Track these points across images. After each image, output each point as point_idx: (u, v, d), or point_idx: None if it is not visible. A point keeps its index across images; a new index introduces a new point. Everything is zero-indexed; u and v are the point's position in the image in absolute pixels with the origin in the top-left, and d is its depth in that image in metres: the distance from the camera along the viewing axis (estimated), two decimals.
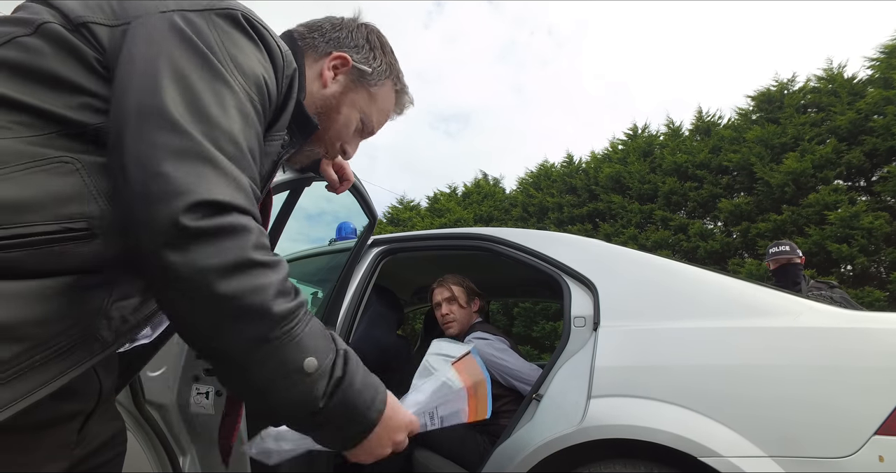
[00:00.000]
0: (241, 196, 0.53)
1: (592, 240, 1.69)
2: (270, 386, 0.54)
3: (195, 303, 0.50)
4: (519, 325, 6.69)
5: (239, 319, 0.51)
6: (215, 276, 0.49)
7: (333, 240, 2.45)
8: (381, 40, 0.88)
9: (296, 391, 0.55)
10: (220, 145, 0.53)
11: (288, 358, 0.54)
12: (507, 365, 1.72)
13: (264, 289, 0.52)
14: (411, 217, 8.61)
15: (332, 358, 0.58)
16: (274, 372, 0.53)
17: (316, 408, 0.56)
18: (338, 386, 0.57)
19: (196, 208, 0.49)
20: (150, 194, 0.49)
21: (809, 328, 1.24)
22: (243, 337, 0.51)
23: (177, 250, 0.48)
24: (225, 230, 0.50)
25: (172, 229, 0.48)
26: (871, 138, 5.12)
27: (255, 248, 0.52)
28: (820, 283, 3.12)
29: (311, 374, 0.55)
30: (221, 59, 0.57)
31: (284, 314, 0.53)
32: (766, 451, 1.11)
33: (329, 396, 0.57)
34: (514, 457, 1.35)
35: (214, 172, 0.51)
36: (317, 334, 0.57)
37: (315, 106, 0.82)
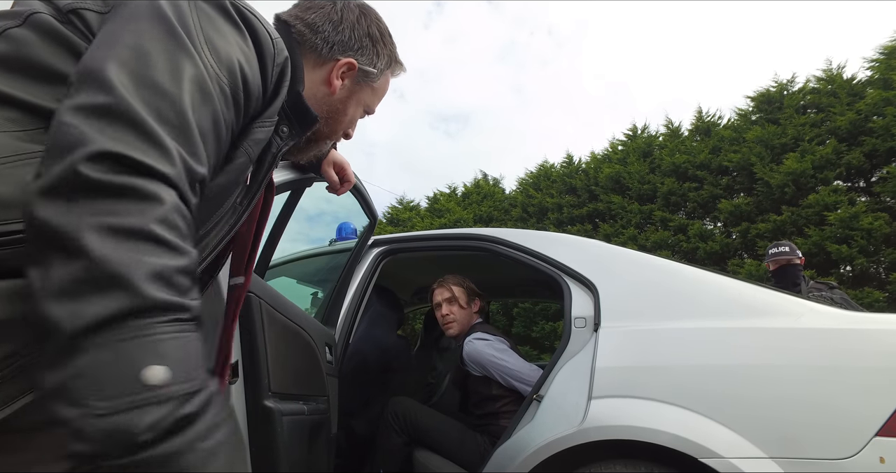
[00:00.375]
0: (164, 163, 0.47)
1: (592, 241, 1.69)
2: (91, 386, 0.39)
3: (56, 259, 0.41)
4: (518, 325, 6.69)
5: (101, 289, 0.41)
6: (96, 235, 0.41)
7: (334, 241, 2.45)
8: (380, 30, 0.87)
9: (119, 402, 0.39)
10: (158, 111, 0.48)
11: (132, 357, 0.41)
12: (508, 366, 1.73)
13: (147, 267, 0.42)
14: (411, 217, 8.60)
15: (191, 387, 0.43)
16: (102, 369, 0.40)
17: (133, 439, 0.39)
18: (181, 426, 0.41)
19: (100, 159, 0.43)
20: (51, 147, 0.43)
21: (810, 329, 1.24)
22: (93, 311, 0.40)
23: (58, 201, 0.41)
24: (128, 190, 0.43)
25: (64, 179, 0.41)
26: (870, 139, 5.12)
27: (160, 222, 0.44)
28: (820, 284, 3.12)
29: (152, 388, 0.41)
30: (192, 36, 0.54)
31: (159, 304, 0.43)
32: (766, 452, 1.11)
33: (161, 433, 0.40)
34: (515, 458, 1.35)
35: (135, 133, 0.45)
36: (191, 353, 0.45)
37: (322, 110, 0.83)
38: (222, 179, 0.63)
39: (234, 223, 0.74)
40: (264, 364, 1.14)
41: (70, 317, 0.40)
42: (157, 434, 0.40)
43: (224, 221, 0.72)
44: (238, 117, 0.60)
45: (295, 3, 0.86)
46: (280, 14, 0.83)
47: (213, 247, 0.71)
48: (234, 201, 0.73)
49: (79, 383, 0.39)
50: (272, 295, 1.22)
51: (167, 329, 0.43)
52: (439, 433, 1.81)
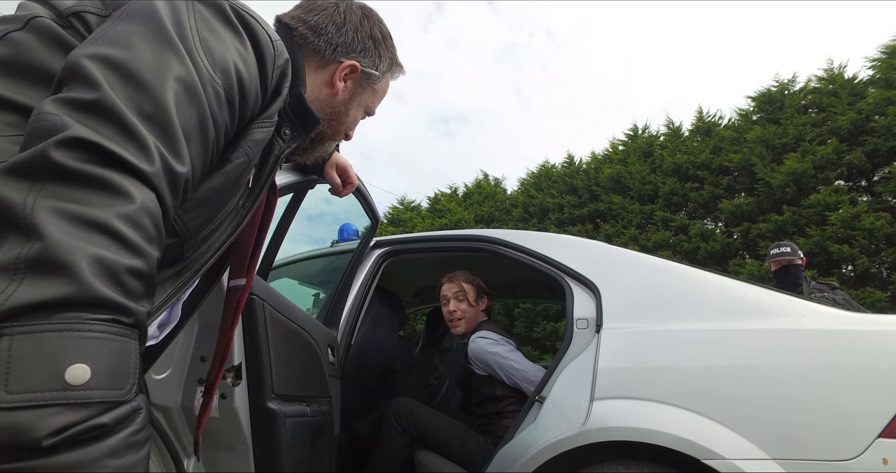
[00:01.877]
0: (141, 159, 0.45)
1: (594, 242, 1.69)
2: (7, 379, 0.35)
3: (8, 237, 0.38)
4: (519, 326, 6.69)
5: (41, 272, 0.37)
6: (51, 218, 0.39)
7: (336, 242, 2.45)
8: (382, 32, 0.87)
9: (26, 397, 0.35)
10: (139, 107, 0.47)
11: (55, 350, 0.37)
12: (515, 366, 1.72)
13: (96, 260, 0.39)
14: (412, 217, 8.60)
15: (113, 397, 0.39)
16: (17, 359, 0.36)
17: (33, 442, 0.35)
18: (92, 437, 0.37)
19: (73, 146, 0.41)
20: (28, 134, 0.42)
21: (812, 330, 1.24)
22: (26, 293, 0.37)
23: (21, 181, 0.40)
24: (96, 181, 0.41)
25: (34, 159, 0.40)
26: (872, 139, 5.12)
27: (123, 219, 0.42)
28: (821, 285, 3.11)
29: (69, 388, 0.37)
30: (186, 37, 0.54)
31: (99, 300, 0.39)
32: (769, 453, 1.10)
33: (67, 438, 0.36)
34: (517, 459, 1.35)
35: (115, 127, 0.44)
36: (123, 361, 0.41)
37: (324, 111, 0.84)
38: (220, 180, 0.63)
39: (237, 225, 0.75)
40: (267, 366, 1.14)
41: (1, 296, 0.36)
42: (62, 441, 0.36)
43: (227, 223, 0.72)
44: (233, 118, 0.60)
45: (296, 5, 0.85)
46: (281, 16, 0.83)
47: (216, 249, 0.71)
48: (237, 203, 0.73)
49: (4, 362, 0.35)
50: (275, 297, 1.22)
51: (102, 328, 0.39)
52: (441, 433, 1.81)
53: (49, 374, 0.36)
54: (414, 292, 3.09)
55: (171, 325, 0.85)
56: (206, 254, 0.70)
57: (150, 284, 0.46)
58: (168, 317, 0.82)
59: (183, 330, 1.10)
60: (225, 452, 1.13)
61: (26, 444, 0.35)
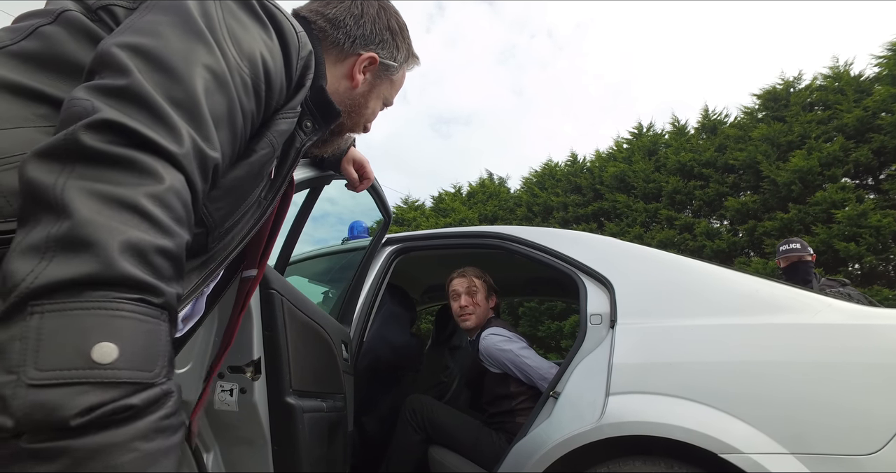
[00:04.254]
0: (171, 141, 0.45)
1: (607, 238, 1.69)
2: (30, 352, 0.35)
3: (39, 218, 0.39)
4: (525, 324, 6.69)
5: (70, 250, 0.38)
6: (81, 197, 0.39)
7: (346, 239, 2.46)
8: (399, 23, 0.87)
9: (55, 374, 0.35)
10: (169, 93, 0.47)
11: (84, 328, 0.37)
12: (528, 363, 1.73)
13: (125, 238, 0.39)
14: (416, 217, 8.61)
15: (143, 378, 0.39)
16: (47, 336, 0.36)
17: (62, 421, 0.34)
18: (123, 419, 0.37)
19: (103, 128, 0.42)
20: (61, 120, 0.43)
21: (829, 325, 1.24)
22: (56, 271, 0.37)
23: (52, 163, 0.40)
24: (125, 161, 0.42)
25: (63, 145, 0.41)
26: (878, 136, 5.10)
27: (153, 198, 0.42)
28: (831, 281, 3.09)
29: (97, 367, 0.36)
30: (215, 29, 0.54)
31: (128, 279, 0.39)
32: (787, 448, 1.10)
33: (96, 418, 0.35)
34: (532, 455, 1.35)
35: (145, 111, 0.45)
36: (152, 342, 0.40)
37: (344, 104, 0.84)
38: (245, 170, 0.64)
39: (259, 217, 0.75)
40: (286, 361, 1.15)
41: (30, 274, 0.36)
42: (90, 421, 0.35)
43: (250, 215, 0.73)
44: (259, 108, 0.61)
45: None
46: (299, 10, 0.83)
47: (239, 240, 0.72)
48: (259, 195, 0.73)
49: (17, 346, 0.35)
50: (293, 293, 1.23)
51: (131, 308, 0.39)
52: (456, 430, 1.81)
53: (76, 352, 0.36)
54: (423, 290, 3.09)
55: (195, 318, 0.85)
56: (230, 246, 0.70)
57: (180, 266, 0.45)
58: (192, 310, 0.83)
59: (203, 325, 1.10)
60: (244, 447, 1.13)
61: (55, 423, 0.34)
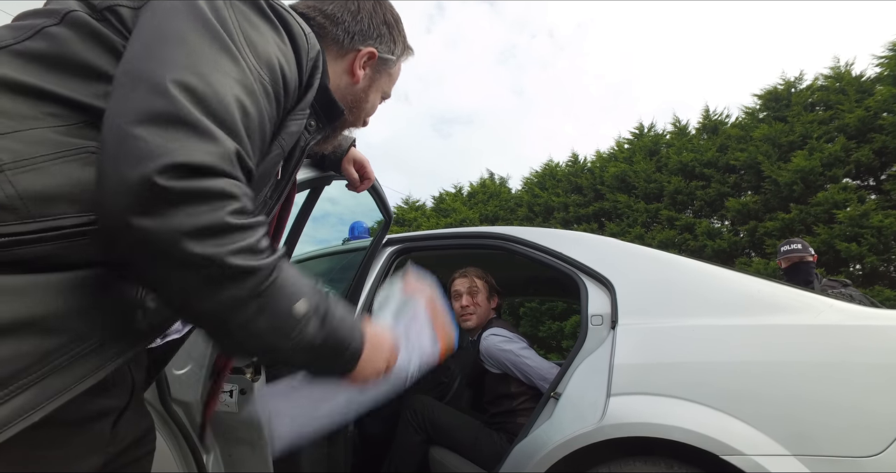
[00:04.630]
0: (223, 161, 0.50)
1: (609, 239, 1.68)
2: (272, 339, 0.55)
3: (174, 269, 0.48)
4: (525, 325, 6.68)
5: (221, 281, 0.50)
6: (190, 240, 0.47)
7: (347, 240, 2.46)
8: (394, 16, 0.88)
9: (296, 336, 0.56)
10: (209, 110, 0.50)
11: (279, 308, 0.55)
12: (529, 364, 1.72)
13: (242, 251, 0.50)
14: (416, 217, 8.60)
15: (315, 297, 0.59)
16: (269, 323, 0.54)
17: (313, 346, 0.58)
18: (326, 322, 0.60)
19: (172, 170, 0.46)
20: (122, 155, 0.46)
21: (831, 325, 1.23)
22: (228, 298, 0.50)
23: (149, 214, 0.46)
24: (201, 193, 0.48)
25: (146, 191, 0.45)
26: (880, 136, 5.09)
27: (233, 213, 0.50)
28: (832, 282, 3.09)
29: (303, 316, 0.57)
30: (233, 35, 0.55)
31: (263, 269, 0.52)
32: (789, 449, 1.10)
33: (321, 332, 0.59)
34: (533, 456, 1.34)
35: (196, 136, 0.48)
36: (296, 278, 0.58)
37: (346, 100, 0.84)
38: (258, 172, 0.64)
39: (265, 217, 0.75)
40: None
41: (223, 304, 0.51)
42: (320, 331, 0.60)
43: None
44: (278, 113, 0.61)
45: None
46: (295, 6, 0.83)
47: None
48: (265, 195, 0.73)
49: (259, 332, 0.55)
50: None
51: (280, 280, 0.55)
52: (457, 431, 1.81)
53: (288, 312, 0.58)
54: None
55: None
56: None
57: (265, 240, 0.55)
58: None
59: None
60: (244, 447, 1.13)
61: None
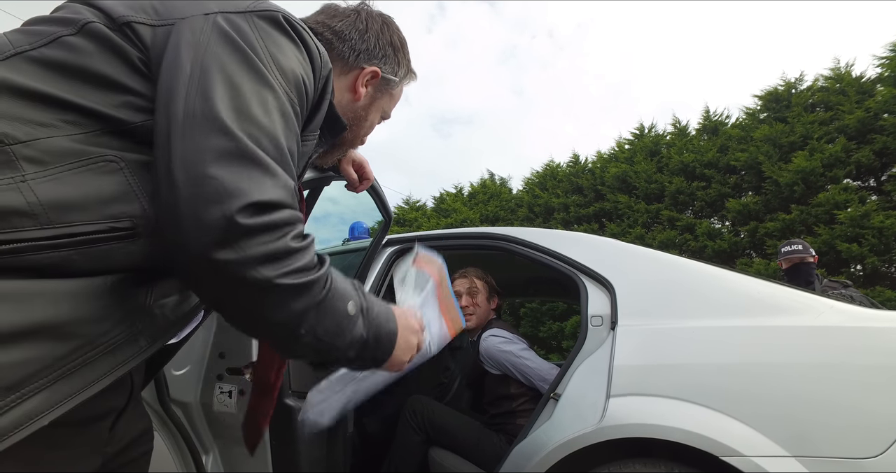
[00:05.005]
0: (285, 194, 0.55)
1: (609, 240, 1.68)
2: (332, 338, 0.61)
3: (249, 291, 0.53)
4: (526, 325, 6.68)
5: (290, 296, 0.55)
6: (262, 266, 0.52)
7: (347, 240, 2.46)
8: (401, 39, 0.89)
9: (350, 333, 0.62)
10: (265, 146, 0.54)
11: (337, 310, 0.60)
12: (529, 365, 1.72)
13: (304, 269, 0.56)
14: (417, 217, 8.61)
15: (358, 295, 0.64)
16: (330, 326, 0.60)
17: (363, 341, 0.64)
18: (368, 316, 0.65)
19: (249, 208, 0.51)
20: (201, 196, 0.50)
21: (831, 326, 1.23)
22: (297, 309, 0.56)
23: (229, 248, 0.50)
24: (273, 226, 0.53)
25: (227, 228, 0.50)
26: (881, 137, 5.08)
27: (295, 238, 0.56)
28: (833, 282, 3.09)
29: (354, 314, 0.62)
30: (264, 60, 0.57)
31: (320, 280, 0.58)
32: (789, 451, 1.10)
33: (367, 326, 0.65)
34: (532, 457, 1.34)
35: (261, 173, 0.53)
36: (343, 281, 0.63)
37: (346, 117, 0.85)
38: None
39: None
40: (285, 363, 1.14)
41: (292, 316, 0.57)
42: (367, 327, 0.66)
43: None
44: (301, 127, 0.63)
45: (318, 10, 0.86)
46: (306, 21, 0.84)
47: None
48: None
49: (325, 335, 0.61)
50: None
51: (334, 285, 0.60)
52: (456, 431, 1.81)
53: (344, 313, 0.63)
54: None
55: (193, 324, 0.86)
56: None
57: (319, 255, 0.61)
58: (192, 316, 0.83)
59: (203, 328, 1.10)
60: (243, 448, 1.13)
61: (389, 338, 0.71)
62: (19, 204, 0.48)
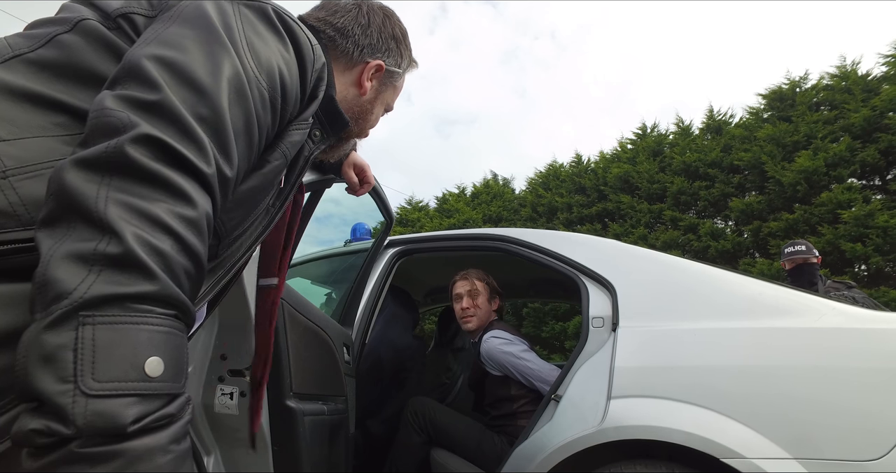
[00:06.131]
0: (201, 160, 0.47)
1: (610, 240, 1.68)
2: (86, 362, 0.37)
3: (79, 228, 0.40)
4: (528, 326, 6.68)
5: (119, 267, 0.40)
6: (122, 212, 0.41)
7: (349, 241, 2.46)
8: (402, 31, 0.89)
9: (113, 385, 0.38)
10: (196, 109, 0.48)
11: (137, 343, 0.40)
12: (530, 366, 1.72)
13: (167, 259, 0.42)
14: (420, 218, 8.61)
15: (177, 389, 0.43)
16: (102, 348, 0.38)
17: (120, 428, 0.37)
18: (162, 425, 0.41)
19: (145, 143, 0.43)
20: (94, 129, 0.44)
21: (833, 328, 1.23)
22: (109, 287, 0.39)
23: (93, 173, 0.41)
24: (164, 181, 0.44)
25: (109, 154, 0.42)
26: (886, 136, 5.05)
27: (186, 222, 0.44)
28: (837, 283, 3.07)
29: (148, 380, 0.39)
30: (235, 39, 0.56)
31: (171, 298, 0.43)
32: (790, 453, 1.09)
33: (145, 426, 0.39)
34: (533, 458, 1.34)
35: (176, 128, 0.46)
36: (183, 355, 0.44)
37: (352, 111, 0.85)
38: (258, 181, 0.64)
39: (266, 224, 0.76)
40: (287, 364, 1.15)
41: (81, 285, 0.38)
42: (140, 428, 0.38)
43: (258, 222, 0.73)
44: (275, 121, 0.61)
45: (317, 6, 0.86)
46: (305, 18, 0.84)
47: (247, 247, 0.72)
48: (268, 203, 0.74)
49: (70, 356, 0.36)
50: (294, 297, 1.23)
51: (170, 324, 0.42)
52: (457, 433, 1.81)
53: (131, 365, 0.39)
54: (425, 292, 3.09)
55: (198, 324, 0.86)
56: (237, 253, 0.71)
57: (198, 286, 0.49)
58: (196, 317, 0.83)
59: (203, 329, 1.11)
60: (244, 450, 1.14)
61: (114, 430, 0.37)
62: (1, 203, 0.46)
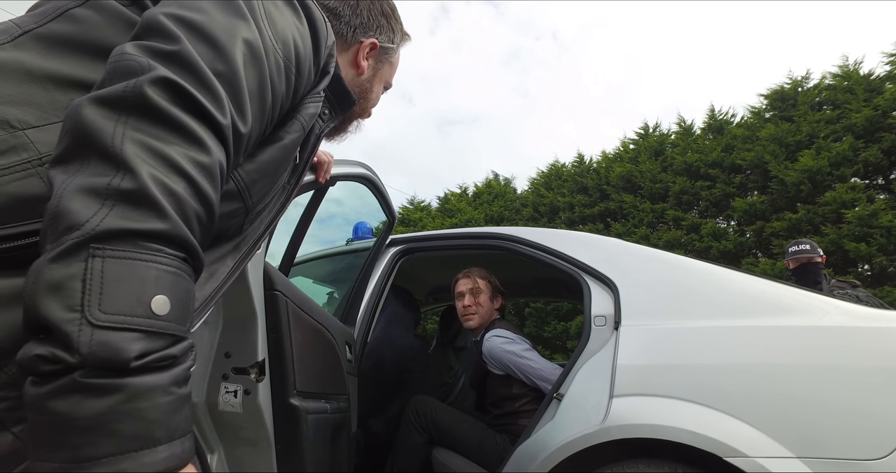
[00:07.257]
0: (217, 109, 0.47)
1: (612, 239, 1.68)
2: (94, 292, 0.37)
3: (93, 163, 0.40)
4: (530, 325, 6.68)
5: (132, 203, 0.39)
6: (139, 151, 0.40)
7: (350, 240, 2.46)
8: (391, 6, 0.90)
9: (119, 318, 0.37)
10: (213, 63, 0.48)
11: (145, 279, 0.39)
12: (532, 365, 1.72)
13: (179, 201, 0.42)
14: (422, 218, 8.61)
15: (182, 332, 0.42)
16: (111, 280, 0.37)
17: (123, 362, 0.36)
18: (165, 366, 0.40)
19: (164, 85, 0.43)
20: (113, 72, 0.44)
21: (836, 327, 1.23)
22: (121, 221, 0.39)
23: (111, 110, 0.41)
24: (181, 125, 0.43)
25: (128, 93, 0.42)
26: (889, 135, 5.04)
27: (200, 167, 0.44)
28: (841, 282, 3.06)
29: (154, 317, 0.39)
30: (252, 6, 0.56)
31: (184, 241, 0.42)
32: (793, 452, 1.09)
33: (148, 364, 0.38)
34: (535, 457, 1.34)
35: (193, 77, 0.46)
36: (190, 299, 0.43)
37: (354, 91, 0.86)
38: (281, 153, 0.65)
39: (284, 201, 0.77)
40: (290, 362, 1.15)
41: (94, 217, 0.38)
42: (145, 365, 0.37)
43: (276, 199, 0.74)
44: (289, 91, 0.61)
45: None
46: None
47: (267, 224, 0.73)
48: (284, 180, 0.75)
49: (79, 285, 0.36)
50: (297, 295, 1.23)
51: (178, 265, 0.42)
52: (459, 432, 1.81)
53: (137, 300, 0.38)
54: (427, 291, 3.09)
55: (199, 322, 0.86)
56: (258, 229, 0.71)
57: (208, 234, 0.48)
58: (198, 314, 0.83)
59: (207, 326, 1.11)
60: (248, 448, 1.14)
61: (117, 363, 0.36)
62: (41, 191, 0.45)
